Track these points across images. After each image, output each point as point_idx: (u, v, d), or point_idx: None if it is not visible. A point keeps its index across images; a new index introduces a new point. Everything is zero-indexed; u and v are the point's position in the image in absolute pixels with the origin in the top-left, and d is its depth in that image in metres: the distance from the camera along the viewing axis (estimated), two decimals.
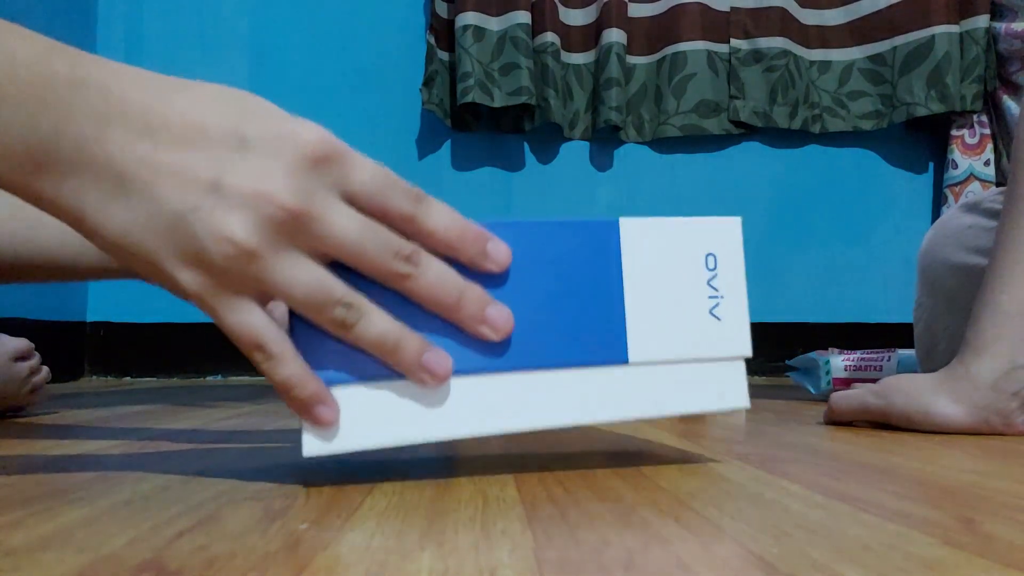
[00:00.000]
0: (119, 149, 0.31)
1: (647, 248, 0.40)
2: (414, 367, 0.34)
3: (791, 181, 1.72)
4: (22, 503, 0.33)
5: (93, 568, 0.23)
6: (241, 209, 0.31)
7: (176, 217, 0.31)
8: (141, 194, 0.31)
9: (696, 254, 0.40)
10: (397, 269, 0.33)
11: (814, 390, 1.02)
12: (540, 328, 0.37)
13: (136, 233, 0.31)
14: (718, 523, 0.29)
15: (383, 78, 1.69)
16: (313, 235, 0.32)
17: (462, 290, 0.35)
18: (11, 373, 0.72)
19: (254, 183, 0.31)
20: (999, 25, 1.57)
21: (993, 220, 0.78)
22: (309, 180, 0.32)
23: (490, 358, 0.36)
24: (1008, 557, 0.25)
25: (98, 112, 0.30)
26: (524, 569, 0.23)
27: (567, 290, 0.38)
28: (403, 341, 0.34)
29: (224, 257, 0.31)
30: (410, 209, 0.34)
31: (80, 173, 0.31)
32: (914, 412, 0.60)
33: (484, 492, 0.35)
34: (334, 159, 0.32)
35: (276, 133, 0.32)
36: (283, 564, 0.24)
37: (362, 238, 0.33)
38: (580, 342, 0.38)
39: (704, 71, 1.65)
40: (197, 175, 0.31)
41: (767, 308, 1.67)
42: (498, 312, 0.35)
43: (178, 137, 0.31)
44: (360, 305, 0.33)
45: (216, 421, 0.69)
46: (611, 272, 0.39)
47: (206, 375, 1.65)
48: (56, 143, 0.30)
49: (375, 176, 0.33)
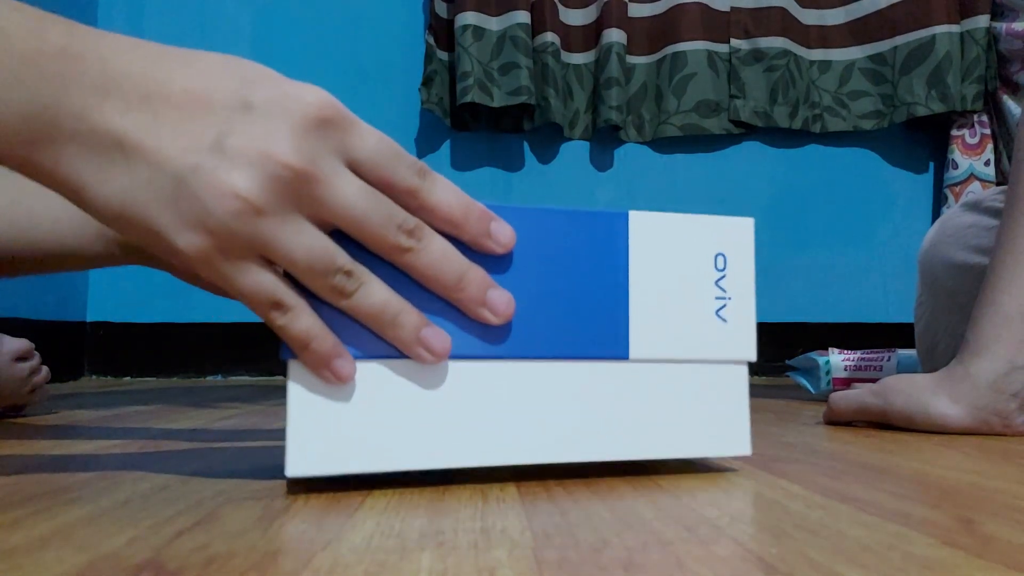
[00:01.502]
0: (119, 117, 0.30)
1: (655, 243, 0.39)
2: (412, 342, 0.34)
3: (791, 181, 1.72)
4: (22, 502, 0.33)
5: (93, 567, 0.23)
6: (245, 167, 0.30)
7: (177, 178, 0.30)
8: (141, 159, 0.30)
9: (706, 253, 0.40)
10: (400, 242, 0.33)
11: (814, 390, 1.02)
12: (541, 317, 0.36)
13: (137, 200, 0.30)
14: (718, 523, 0.29)
15: (383, 78, 1.69)
16: (316, 199, 0.31)
17: (464, 270, 0.34)
18: (11, 373, 0.72)
19: (258, 143, 0.30)
20: (1000, 25, 1.57)
21: (994, 219, 0.78)
22: (313, 141, 0.31)
23: (489, 345, 0.36)
24: (1008, 557, 0.25)
25: (96, 83, 0.30)
26: (524, 569, 0.23)
27: (571, 280, 0.37)
28: (402, 315, 0.33)
29: (227, 213, 0.30)
30: (414, 182, 0.33)
31: (79, 143, 0.30)
32: (914, 412, 0.60)
33: (484, 492, 0.35)
34: (338, 123, 0.32)
35: (280, 95, 0.31)
36: (283, 564, 0.24)
37: (366, 207, 0.32)
38: (581, 334, 0.37)
39: (704, 71, 1.65)
40: (199, 137, 0.30)
41: (767, 308, 1.67)
42: (500, 296, 0.35)
43: (179, 104, 0.31)
44: (361, 274, 0.33)
45: (216, 421, 0.69)
46: (617, 265, 0.38)
47: (206, 375, 1.65)
48: (55, 114, 0.30)
49: (379, 145, 0.33)
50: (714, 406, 0.40)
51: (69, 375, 1.56)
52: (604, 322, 0.38)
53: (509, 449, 0.36)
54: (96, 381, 1.53)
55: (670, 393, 0.39)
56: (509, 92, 1.58)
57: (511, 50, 1.58)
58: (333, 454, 0.34)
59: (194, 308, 1.64)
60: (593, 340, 0.37)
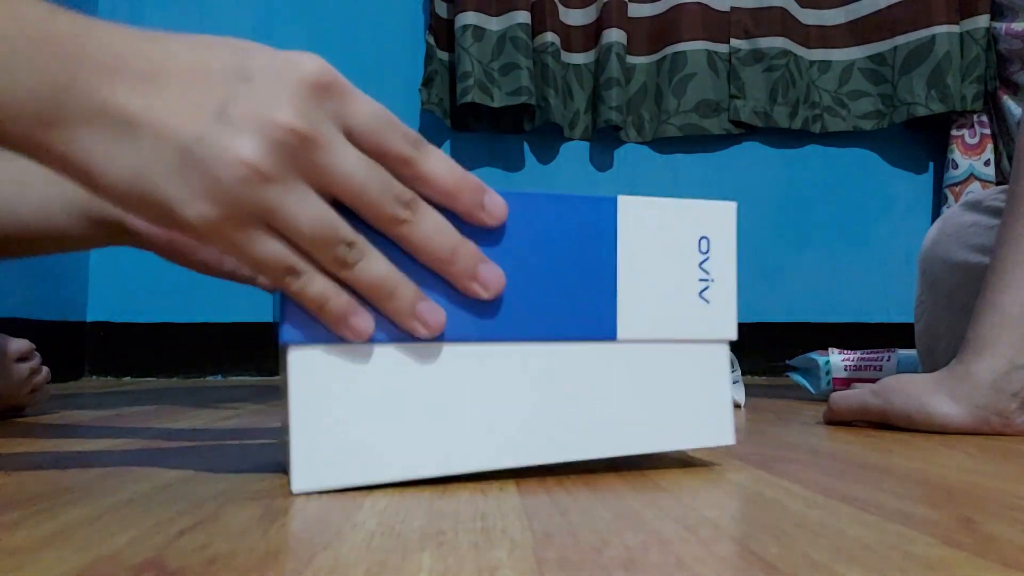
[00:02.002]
0: (124, 96, 0.31)
1: (643, 227, 0.40)
2: (407, 315, 0.35)
3: (791, 181, 1.72)
4: (23, 502, 0.33)
5: (94, 567, 0.23)
6: (249, 133, 0.31)
7: (183, 149, 0.31)
8: (147, 135, 0.31)
9: (690, 236, 0.41)
10: (396, 213, 0.33)
11: (814, 390, 1.02)
12: (532, 299, 0.37)
13: (145, 175, 0.31)
14: (718, 523, 0.29)
15: (383, 78, 1.69)
16: (319, 165, 0.32)
17: (457, 244, 0.35)
18: (12, 373, 0.72)
19: (260, 109, 0.31)
20: (999, 25, 1.57)
21: (994, 218, 0.78)
22: (313, 106, 0.32)
23: (480, 326, 0.36)
24: (1008, 557, 0.25)
25: (102, 65, 0.31)
26: (524, 569, 0.23)
27: (560, 263, 0.38)
28: (400, 288, 0.34)
29: (235, 180, 0.31)
30: (409, 152, 0.34)
31: (88, 124, 0.31)
32: (914, 412, 0.60)
33: (484, 492, 0.35)
34: (335, 89, 0.33)
35: (278, 63, 0.32)
36: (283, 564, 0.24)
37: (365, 177, 0.33)
38: (570, 316, 0.38)
39: (704, 71, 1.65)
40: (201, 107, 0.31)
41: (767, 308, 1.67)
42: (490, 271, 0.36)
43: (181, 78, 0.31)
44: (362, 246, 0.33)
45: (217, 421, 0.69)
46: (605, 249, 0.39)
47: (206, 375, 1.65)
48: (65, 97, 0.31)
49: (375, 114, 0.33)
50: (696, 398, 0.41)
51: (69, 375, 1.56)
52: (593, 303, 0.39)
53: (510, 451, 0.37)
54: (96, 381, 1.53)
55: (653, 387, 0.40)
56: (509, 92, 1.58)
57: (511, 50, 1.58)
58: (339, 467, 0.35)
59: (194, 308, 1.64)
60: (582, 321, 0.38)
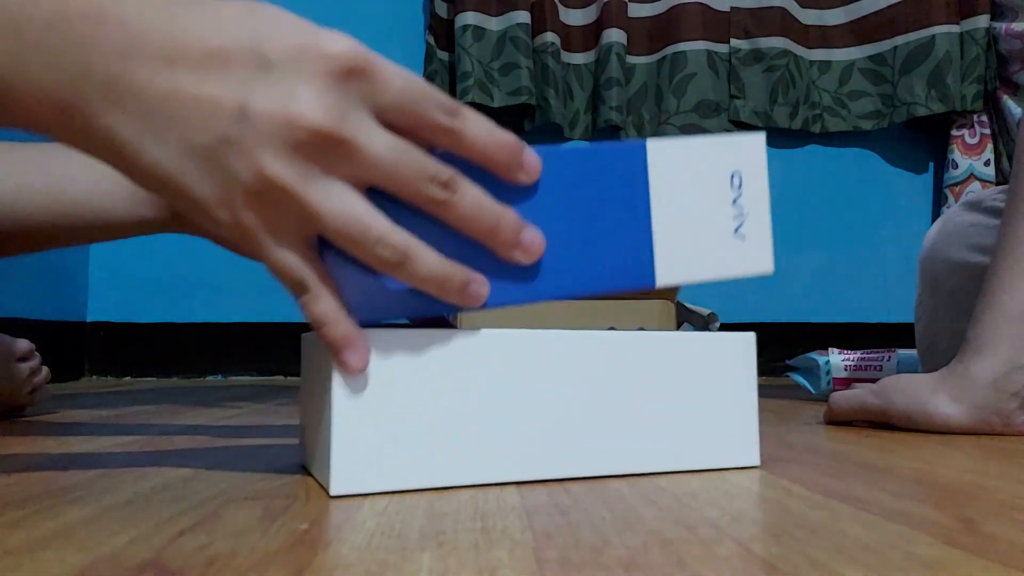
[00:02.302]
0: (144, 83, 0.30)
1: (674, 170, 0.39)
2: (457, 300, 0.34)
3: (791, 181, 1.72)
4: (23, 502, 0.33)
5: (94, 567, 0.23)
6: (271, 140, 0.30)
7: (207, 150, 0.30)
8: (170, 129, 0.30)
9: (722, 174, 0.40)
10: (434, 195, 0.33)
11: (814, 390, 1.02)
12: (568, 254, 0.37)
13: (172, 168, 0.31)
14: (719, 523, 0.29)
15: None
16: (346, 159, 0.31)
17: (499, 215, 0.34)
18: (12, 374, 0.72)
19: (281, 106, 0.30)
20: (999, 25, 1.57)
21: (995, 218, 0.78)
22: (338, 96, 0.31)
23: (519, 286, 0.36)
24: (1008, 557, 0.25)
25: (119, 47, 0.30)
26: (524, 569, 0.23)
27: (595, 214, 0.37)
28: (449, 281, 0.34)
29: (260, 190, 0.30)
30: (445, 122, 0.33)
31: (111, 110, 0.30)
32: (914, 412, 0.60)
33: (484, 492, 0.35)
34: (363, 72, 0.31)
35: (299, 48, 0.31)
36: (283, 564, 0.24)
37: (396, 161, 0.32)
38: (608, 266, 0.38)
39: (704, 71, 1.65)
40: (222, 104, 0.30)
41: (767, 308, 1.67)
42: (531, 235, 0.35)
43: (198, 64, 0.30)
44: (403, 245, 0.32)
45: (216, 421, 0.69)
46: (638, 195, 0.38)
47: (206, 375, 1.65)
48: (84, 82, 0.30)
49: (406, 87, 0.32)
50: (724, 420, 0.42)
51: (69, 375, 1.56)
52: (629, 252, 0.38)
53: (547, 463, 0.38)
54: (96, 381, 1.53)
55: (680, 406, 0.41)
56: (509, 92, 1.58)
57: (511, 50, 1.58)
58: (379, 470, 0.35)
59: (194, 308, 1.64)
60: (620, 271, 0.38)
